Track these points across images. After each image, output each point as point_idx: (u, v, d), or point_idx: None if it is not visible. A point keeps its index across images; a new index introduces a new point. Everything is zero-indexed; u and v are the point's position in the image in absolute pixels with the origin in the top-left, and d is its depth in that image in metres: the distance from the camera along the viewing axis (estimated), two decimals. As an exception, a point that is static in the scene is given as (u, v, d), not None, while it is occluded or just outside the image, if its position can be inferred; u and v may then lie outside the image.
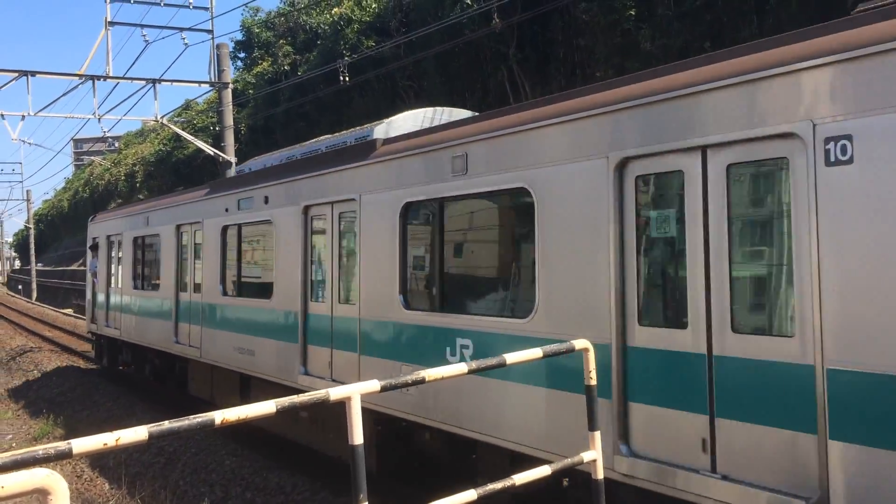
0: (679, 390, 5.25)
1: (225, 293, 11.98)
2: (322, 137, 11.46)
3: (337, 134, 11.16)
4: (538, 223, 6.40)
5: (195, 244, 13.11)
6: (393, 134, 9.29)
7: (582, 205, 5.97)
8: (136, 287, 16.05)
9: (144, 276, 15.75)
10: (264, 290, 10.88)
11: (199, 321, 12.72)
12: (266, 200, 10.73)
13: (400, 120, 9.98)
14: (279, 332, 10.20)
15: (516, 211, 6.88)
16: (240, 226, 11.56)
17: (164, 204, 14.87)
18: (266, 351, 10.60)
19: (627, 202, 5.66)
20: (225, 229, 12.05)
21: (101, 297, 18.68)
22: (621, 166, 5.70)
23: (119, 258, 17.24)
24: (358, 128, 10.40)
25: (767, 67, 4.80)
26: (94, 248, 18.97)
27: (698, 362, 5.14)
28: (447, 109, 10.56)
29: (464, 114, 10.19)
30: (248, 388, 11.84)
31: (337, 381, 8.90)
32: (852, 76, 4.36)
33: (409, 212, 8.10)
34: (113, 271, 17.83)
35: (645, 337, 5.50)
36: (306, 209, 9.79)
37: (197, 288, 13.00)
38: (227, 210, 11.85)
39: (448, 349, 7.32)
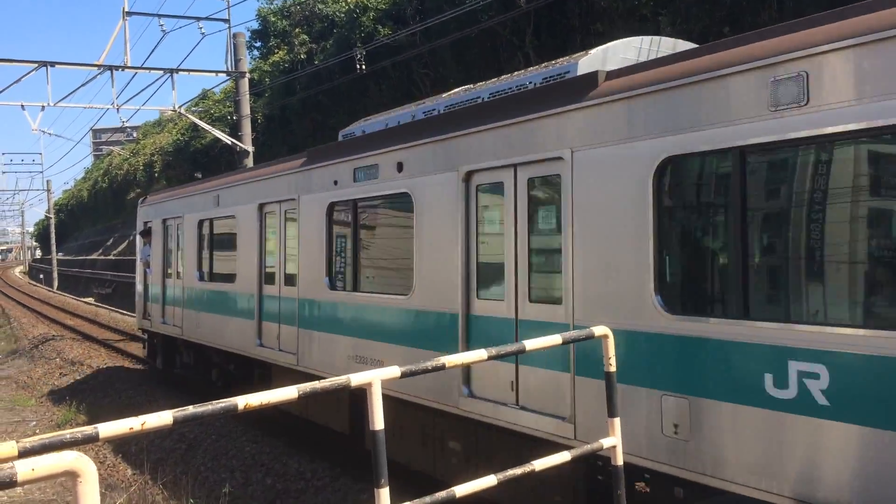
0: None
1: (333, 287, 9.56)
2: (480, 84, 8.63)
3: (503, 78, 8.30)
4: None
5: (285, 227, 10.82)
6: (612, 67, 6.62)
7: None
8: (202, 279, 13.64)
9: (214, 265, 13.38)
10: (398, 284, 8.47)
11: (293, 321, 10.30)
12: (400, 167, 8.25)
13: (611, 51, 7.19)
14: (424, 338, 7.80)
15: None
16: (356, 202, 9.11)
17: (240, 179, 12.41)
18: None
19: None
20: (332, 207, 9.62)
21: (155, 290, 16.15)
22: None
23: (179, 245, 14.94)
24: (540, 67, 7.65)
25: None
26: (146, 233, 16.68)
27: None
28: (665, 39, 7.69)
29: (691, 45, 7.48)
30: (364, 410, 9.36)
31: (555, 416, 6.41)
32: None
33: (671, 173, 5.53)
34: (170, 260, 15.44)
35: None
36: (469, 176, 7.32)
37: (290, 280, 10.58)
38: (335, 183, 9.45)
39: None
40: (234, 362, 12.85)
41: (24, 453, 2.41)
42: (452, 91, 9.11)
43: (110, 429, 2.71)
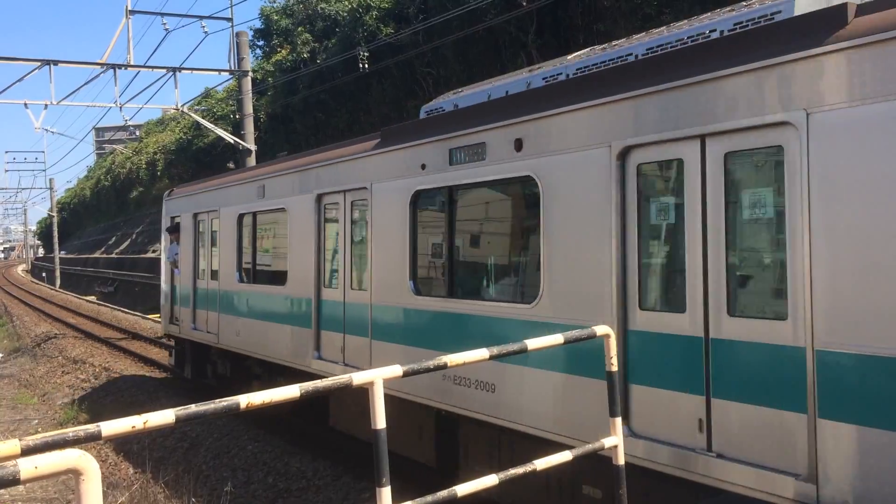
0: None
1: (419, 292, 7.90)
2: (621, 41, 7.23)
3: (659, 31, 6.77)
4: None
5: (352, 221, 9.21)
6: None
7: None
8: (242, 280, 12.01)
9: (257, 266, 11.69)
10: (514, 290, 7.05)
11: (364, 331, 8.76)
12: (518, 145, 6.68)
13: None
14: (559, 361, 6.23)
15: None
16: (452, 189, 7.52)
17: (291, 167, 10.67)
18: (525, 386, 6.54)
19: None
20: (418, 196, 7.97)
21: (184, 292, 14.38)
22: None
23: (213, 242, 13.21)
24: (722, 12, 6.15)
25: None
26: (174, 230, 15.01)
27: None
28: None
29: None
30: (456, 435, 7.81)
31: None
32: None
33: None
34: (203, 259, 13.71)
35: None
36: (625, 153, 5.76)
37: (358, 283, 9.03)
38: (423, 167, 7.81)
39: None
40: (282, 375, 10.72)
41: (27, 451, 2.42)
42: (578, 53, 7.69)
43: (113, 427, 2.71)
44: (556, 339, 4.26)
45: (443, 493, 3.64)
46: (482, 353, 3.94)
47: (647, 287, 5.65)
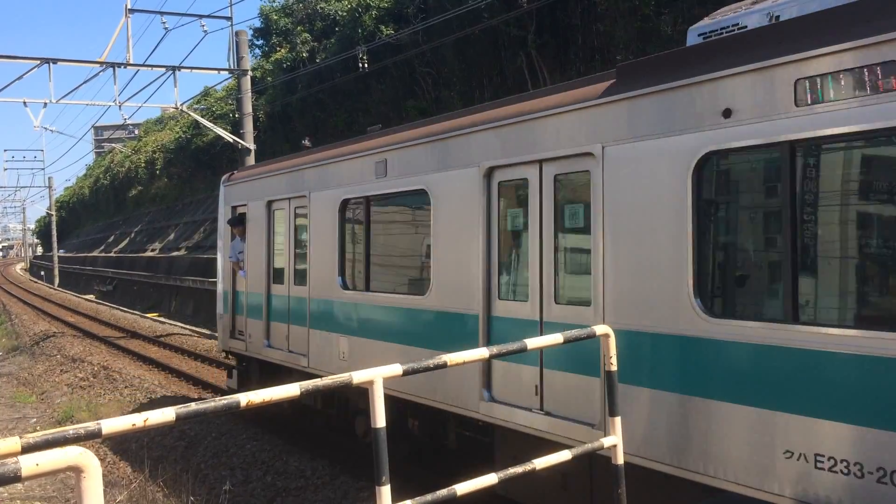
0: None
1: (716, 312, 5.08)
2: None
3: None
4: None
5: (556, 205, 6.43)
6: None
7: None
8: (348, 286, 9.18)
9: (371, 267, 8.84)
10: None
11: (583, 367, 6.08)
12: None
13: None
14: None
15: None
16: (794, 146, 4.61)
17: (434, 133, 7.78)
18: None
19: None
20: (704, 164, 5.14)
21: (253, 300, 11.62)
22: None
23: (299, 237, 10.52)
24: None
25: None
26: (238, 222, 12.24)
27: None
28: None
29: None
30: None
31: None
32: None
33: None
34: (282, 258, 10.95)
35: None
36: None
37: (566, 296, 6.40)
38: (727, 114, 4.95)
39: None
40: (418, 416, 8.46)
41: (28, 448, 2.43)
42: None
43: (113, 425, 2.72)
44: (556, 338, 4.27)
45: (442, 492, 3.65)
46: (482, 353, 3.95)
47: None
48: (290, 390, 3.24)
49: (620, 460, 4.41)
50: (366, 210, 8.90)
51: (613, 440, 4.39)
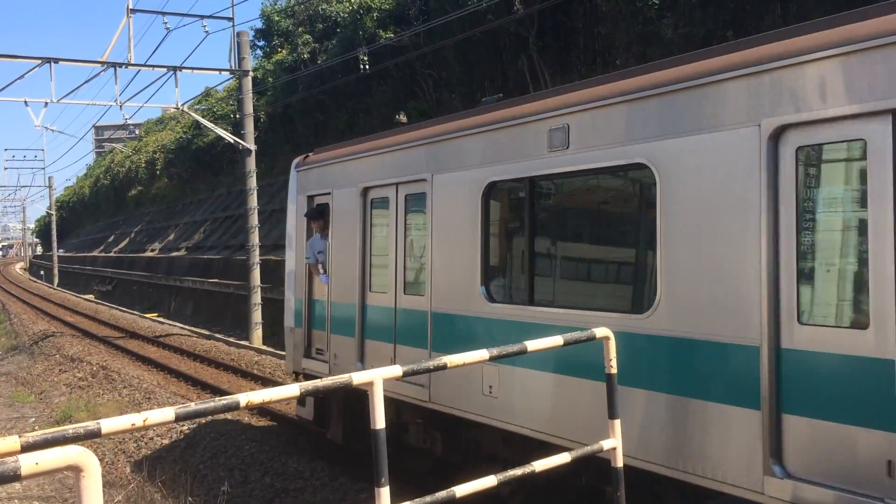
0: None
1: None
2: None
3: None
4: None
5: None
6: None
7: None
8: (496, 298, 7.07)
9: (536, 272, 6.74)
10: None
11: None
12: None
13: None
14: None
15: None
16: None
17: (681, 77, 5.41)
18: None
19: None
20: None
21: (341, 312, 9.43)
22: None
23: (411, 233, 8.39)
24: None
25: None
26: (318, 215, 9.96)
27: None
28: None
29: None
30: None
31: None
32: None
33: None
34: (383, 260, 8.81)
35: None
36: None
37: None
38: None
39: None
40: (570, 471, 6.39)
41: (27, 448, 2.42)
42: None
43: (113, 424, 2.71)
44: (556, 340, 4.27)
45: (441, 494, 3.65)
46: (482, 354, 3.94)
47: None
48: (290, 391, 3.24)
49: (620, 463, 4.41)
50: (529, 195, 6.66)
51: (613, 443, 4.38)
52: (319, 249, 9.82)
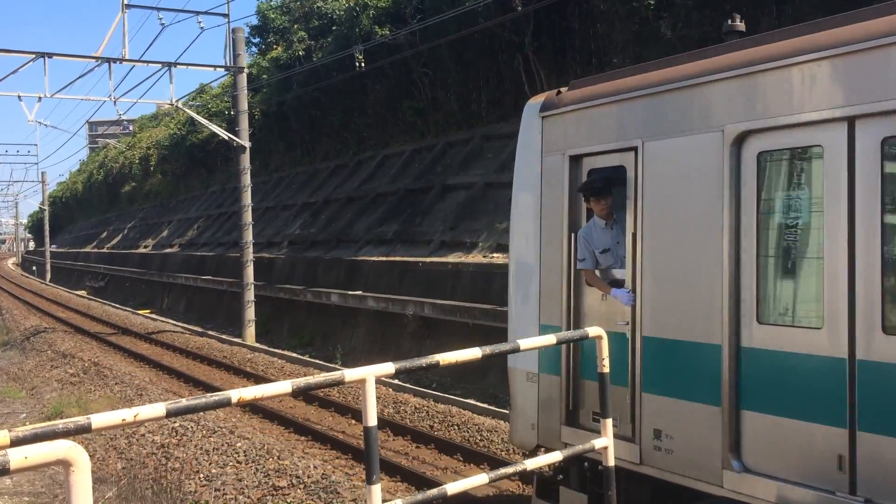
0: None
1: None
2: None
3: None
4: None
5: None
6: None
7: None
8: None
9: None
10: None
11: None
12: None
13: None
14: None
15: None
16: None
17: None
18: None
19: None
20: None
21: (664, 357, 5.36)
22: None
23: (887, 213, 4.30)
24: None
25: None
26: (606, 189, 6.01)
27: None
28: None
29: None
30: None
31: None
32: None
33: None
34: (790, 262, 4.79)
35: None
36: None
37: None
38: None
39: None
40: None
41: (17, 442, 2.41)
42: None
43: (103, 419, 2.70)
44: (549, 339, 4.27)
45: (433, 492, 3.64)
46: (474, 353, 3.93)
47: None
48: (282, 387, 3.23)
49: (611, 462, 4.41)
50: None
51: (604, 442, 4.38)
52: (604, 246, 6.04)
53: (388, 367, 3.59)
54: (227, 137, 22.40)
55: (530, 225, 6.57)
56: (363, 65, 22.29)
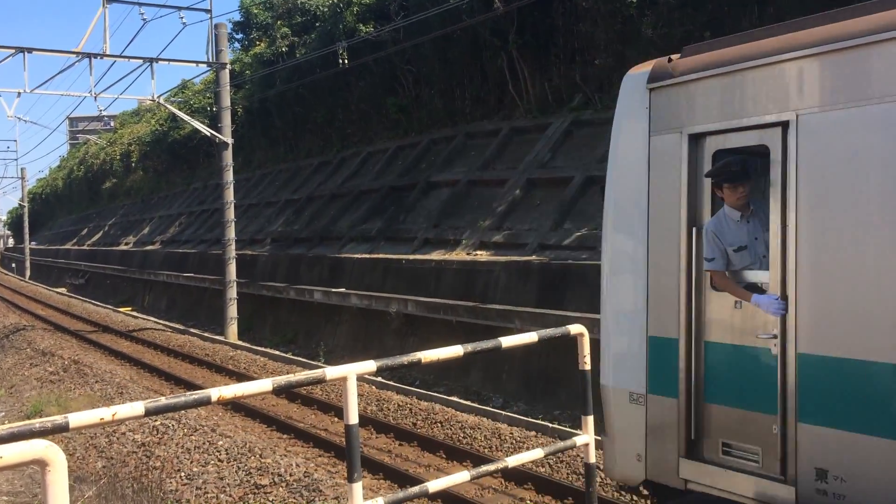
0: None
1: None
2: None
3: None
4: None
5: None
6: None
7: None
8: None
9: None
10: None
11: None
12: None
13: None
14: None
15: None
16: None
17: None
18: None
19: None
20: None
21: (838, 378, 4.31)
22: None
23: None
24: None
25: None
26: (744, 175, 4.97)
27: None
28: None
29: None
30: None
31: None
32: None
33: None
34: None
35: None
36: None
37: None
38: None
39: None
40: None
41: (-8, 441, 2.38)
42: None
43: (81, 419, 2.68)
44: (531, 336, 4.28)
45: (414, 490, 3.65)
46: (456, 350, 3.94)
47: None
48: (263, 386, 3.22)
49: (593, 459, 4.43)
50: None
51: (586, 439, 4.40)
52: (739, 243, 5.06)
53: (370, 365, 3.59)
54: (209, 134, 22.26)
55: (634, 218, 5.50)
56: (347, 62, 22.20)
